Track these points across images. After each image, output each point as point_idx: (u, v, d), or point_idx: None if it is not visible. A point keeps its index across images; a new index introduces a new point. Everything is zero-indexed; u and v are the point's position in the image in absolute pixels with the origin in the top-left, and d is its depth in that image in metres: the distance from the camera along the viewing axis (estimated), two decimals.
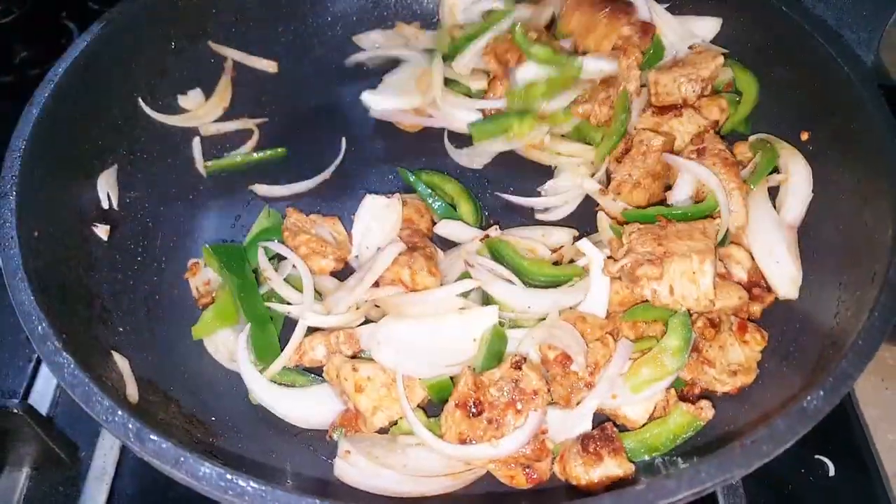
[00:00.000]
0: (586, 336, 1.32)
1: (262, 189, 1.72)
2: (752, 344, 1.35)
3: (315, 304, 1.44)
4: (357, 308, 1.42)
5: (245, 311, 1.43)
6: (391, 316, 1.37)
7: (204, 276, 1.53)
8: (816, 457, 1.48)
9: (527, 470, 1.24)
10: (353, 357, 1.38)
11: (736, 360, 1.35)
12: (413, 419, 1.26)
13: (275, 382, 1.38)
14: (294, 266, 1.49)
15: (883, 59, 1.61)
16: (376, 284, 1.42)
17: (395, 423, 1.33)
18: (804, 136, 1.56)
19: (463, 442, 1.22)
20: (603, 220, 1.52)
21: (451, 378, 1.33)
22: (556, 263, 1.50)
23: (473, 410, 1.23)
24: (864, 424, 1.54)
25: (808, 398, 1.01)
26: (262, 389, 1.36)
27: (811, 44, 1.48)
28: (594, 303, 1.38)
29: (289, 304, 1.46)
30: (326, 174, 1.75)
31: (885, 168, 1.30)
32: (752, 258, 1.47)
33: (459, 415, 1.23)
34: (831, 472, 1.46)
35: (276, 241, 1.54)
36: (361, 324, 1.43)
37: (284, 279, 1.49)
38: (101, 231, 1.47)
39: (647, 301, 1.38)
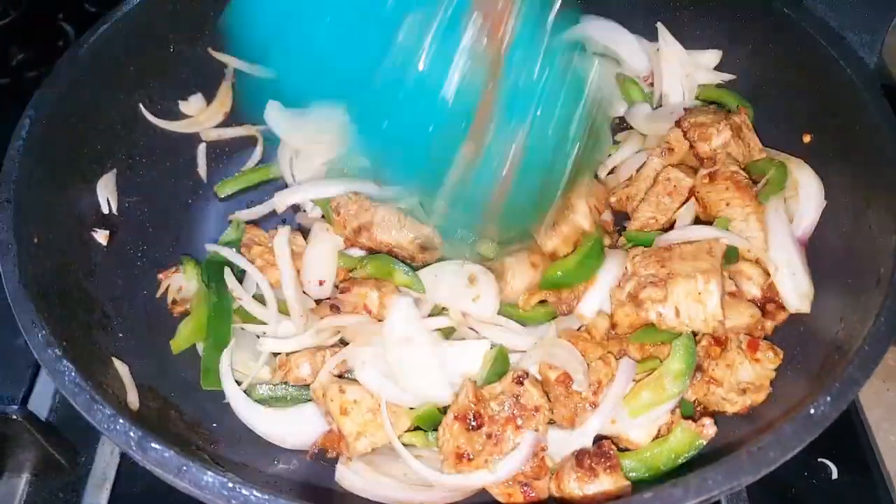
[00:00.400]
0: (586, 355, 1.30)
1: (242, 214, 1.68)
2: (764, 362, 1.32)
3: (284, 321, 1.41)
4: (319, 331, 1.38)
5: (212, 332, 1.40)
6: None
7: (177, 282, 1.50)
8: (819, 460, 1.47)
9: (525, 488, 1.22)
10: (340, 376, 1.35)
11: (746, 378, 1.32)
12: (400, 448, 1.23)
13: (261, 400, 1.36)
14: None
15: (886, 61, 1.60)
16: (337, 310, 1.37)
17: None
18: (806, 139, 1.55)
19: (460, 457, 1.20)
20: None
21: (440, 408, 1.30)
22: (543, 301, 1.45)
23: (473, 424, 1.20)
24: (868, 427, 1.54)
25: (815, 404, 1.00)
26: (243, 407, 1.33)
27: (813, 46, 1.46)
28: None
29: (259, 322, 1.42)
30: None
31: (888, 170, 1.29)
32: (764, 274, 1.42)
33: (458, 427, 1.21)
34: (834, 476, 1.45)
35: (233, 251, 1.50)
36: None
37: (253, 296, 1.45)
38: (101, 236, 1.46)
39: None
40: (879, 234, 1.26)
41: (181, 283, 1.50)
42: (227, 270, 1.45)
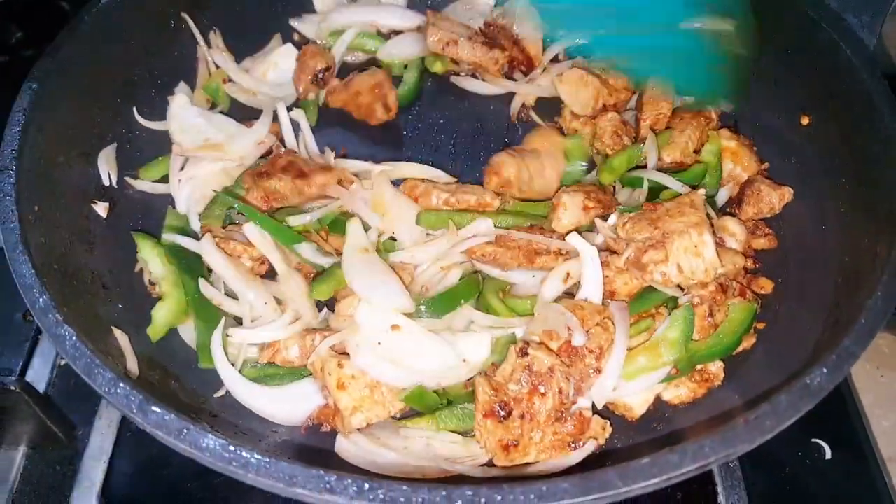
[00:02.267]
0: (584, 322, 1.30)
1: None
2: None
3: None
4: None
5: (199, 314, 1.38)
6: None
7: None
8: (813, 440, 1.48)
9: (573, 445, 1.24)
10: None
11: None
12: None
13: (254, 378, 1.34)
14: None
15: (885, 43, 1.60)
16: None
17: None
18: (805, 121, 1.55)
19: (506, 448, 1.21)
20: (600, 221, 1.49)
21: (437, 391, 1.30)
22: None
23: (502, 414, 1.22)
24: (862, 411, 1.55)
25: (811, 375, 1.01)
26: (237, 386, 1.32)
27: (813, 27, 1.47)
28: (589, 294, 1.37)
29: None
30: None
31: (887, 151, 1.30)
32: (746, 231, 1.49)
33: (491, 424, 1.22)
34: (828, 456, 1.47)
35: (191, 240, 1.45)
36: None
37: None
38: (101, 208, 1.46)
39: (648, 288, 1.38)
40: (877, 211, 1.27)
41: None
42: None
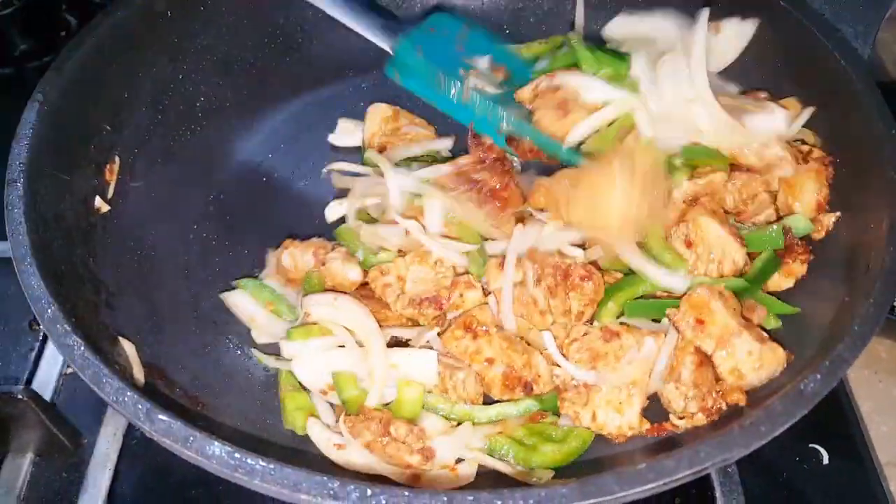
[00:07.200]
0: None
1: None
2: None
3: None
4: None
5: None
6: None
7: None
8: (811, 445, 1.49)
9: None
10: None
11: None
12: None
13: None
14: None
15: (879, 53, 1.62)
16: None
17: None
18: None
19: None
20: None
21: None
22: None
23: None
24: (860, 417, 1.56)
25: (805, 382, 1.03)
26: None
27: (808, 36, 1.48)
28: None
29: None
30: None
31: (881, 160, 1.31)
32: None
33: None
34: (825, 461, 1.48)
35: None
36: None
37: None
38: (99, 203, 1.47)
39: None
40: (871, 220, 1.29)
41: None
42: None
